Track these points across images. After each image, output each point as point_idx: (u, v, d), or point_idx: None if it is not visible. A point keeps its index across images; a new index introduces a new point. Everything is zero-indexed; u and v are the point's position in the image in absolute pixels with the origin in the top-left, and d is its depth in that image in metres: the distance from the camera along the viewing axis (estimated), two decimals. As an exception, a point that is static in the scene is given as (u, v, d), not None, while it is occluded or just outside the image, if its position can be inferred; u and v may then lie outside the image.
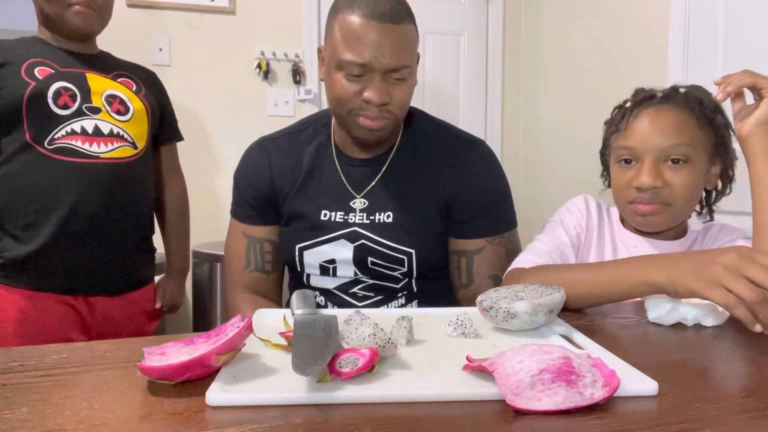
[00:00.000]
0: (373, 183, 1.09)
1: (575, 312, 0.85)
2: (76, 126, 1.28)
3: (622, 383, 0.53)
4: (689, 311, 0.78)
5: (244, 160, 1.18)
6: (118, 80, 1.40)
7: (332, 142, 1.13)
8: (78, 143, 1.28)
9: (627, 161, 0.98)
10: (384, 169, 1.09)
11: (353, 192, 1.09)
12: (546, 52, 3.14)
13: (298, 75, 2.86)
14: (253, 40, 2.83)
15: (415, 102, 1.16)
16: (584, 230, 1.06)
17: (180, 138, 1.61)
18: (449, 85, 3.25)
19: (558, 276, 0.86)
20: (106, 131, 1.31)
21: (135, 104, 1.39)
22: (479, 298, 0.77)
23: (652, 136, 0.95)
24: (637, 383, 0.56)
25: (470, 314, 0.75)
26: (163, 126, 1.53)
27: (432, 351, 0.66)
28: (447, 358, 0.63)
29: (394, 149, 1.10)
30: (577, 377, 0.52)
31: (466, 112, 3.28)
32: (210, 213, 2.67)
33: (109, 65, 1.42)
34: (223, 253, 1.23)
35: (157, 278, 1.59)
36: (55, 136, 1.27)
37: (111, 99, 1.35)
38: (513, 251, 1.11)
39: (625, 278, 0.79)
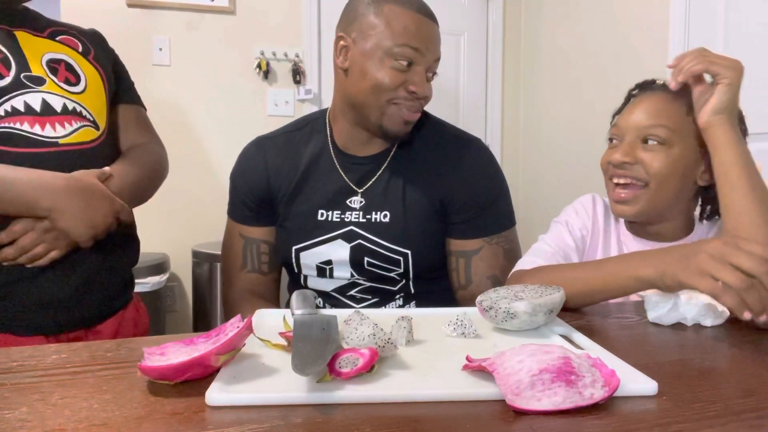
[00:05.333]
0: (373, 180, 1.09)
1: (575, 312, 0.85)
2: (18, 103, 0.94)
3: (621, 383, 0.53)
4: (689, 311, 0.78)
5: (240, 160, 1.18)
6: (57, 39, 1.04)
7: (330, 140, 1.12)
8: (26, 126, 0.93)
9: (612, 141, 1.01)
10: (384, 166, 1.09)
11: (353, 189, 1.09)
12: (546, 52, 3.14)
13: (298, 75, 2.87)
14: (253, 40, 2.83)
15: (415, 102, 1.16)
16: (590, 232, 1.06)
17: (141, 104, 1.20)
18: (449, 85, 3.24)
19: (556, 275, 0.86)
20: (59, 107, 0.97)
21: (86, 70, 1.05)
22: (479, 298, 0.77)
23: (635, 116, 0.97)
24: (637, 383, 0.56)
25: (470, 314, 0.75)
26: (119, 91, 1.14)
27: (432, 351, 0.66)
28: (447, 358, 0.63)
29: (395, 147, 1.10)
30: (577, 377, 0.52)
31: (466, 112, 3.28)
32: (210, 213, 2.67)
33: (39, 20, 1.05)
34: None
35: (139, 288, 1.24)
36: None
37: (54, 64, 1.00)
38: (511, 251, 1.10)
39: (617, 275, 0.80)
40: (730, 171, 0.88)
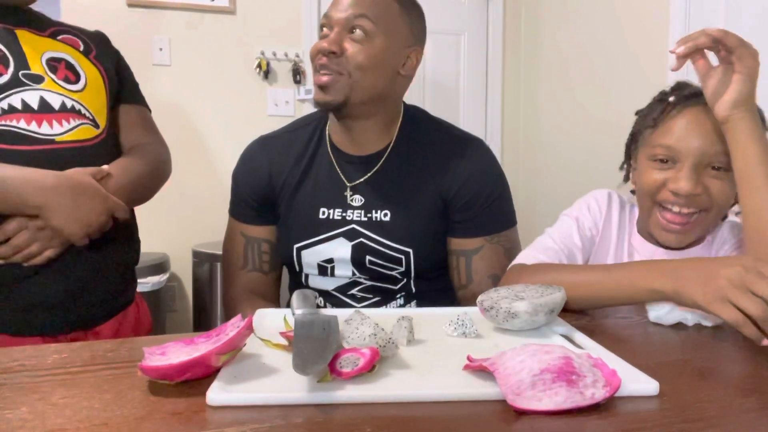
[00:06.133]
0: (370, 179, 1.08)
1: (576, 312, 0.85)
2: (15, 100, 0.94)
3: (622, 383, 0.53)
4: (689, 311, 0.78)
5: (242, 160, 1.18)
6: (59, 38, 1.05)
7: (328, 138, 1.13)
8: (22, 124, 0.93)
9: (663, 161, 0.92)
10: (380, 165, 1.09)
11: (349, 187, 1.09)
12: (546, 51, 3.13)
13: (298, 75, 2.87)
14: (253, 40, 2.83)
15: (416, 102, 1.16)
16: (600, 233, 1.02)
17: (145, 105, 1.20)
18: (449, 85, 3.24)
19: (560, 277, 0.85)
20: (57, 105, 0.97)
21: (86, 69, 1.05)
22: (480, 298, 0.77)
23: (696, 138, 0.88)
24: (638, 383, 0.56)
25: (471, 314, 0.75)
26: (122, 91, 1.14)
27: (432, 351, 0.66)
28: (448, 358, 0.63)
29: (390, 146, 1.10)
30: (578, 377, 0.52)
31: (466, 112, 3.28)
32: (210, 213, 2.66)
33: (42, 21, 1.06)
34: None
35: (140, 287, 1.22)
36: None
37: (54, 63, 1.00)
38: (512, 250, 1.10)
39: (629, 284, 0.78)
40: (752, 170, 0.82)
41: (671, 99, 0.94)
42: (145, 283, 2.35)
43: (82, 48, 1.07)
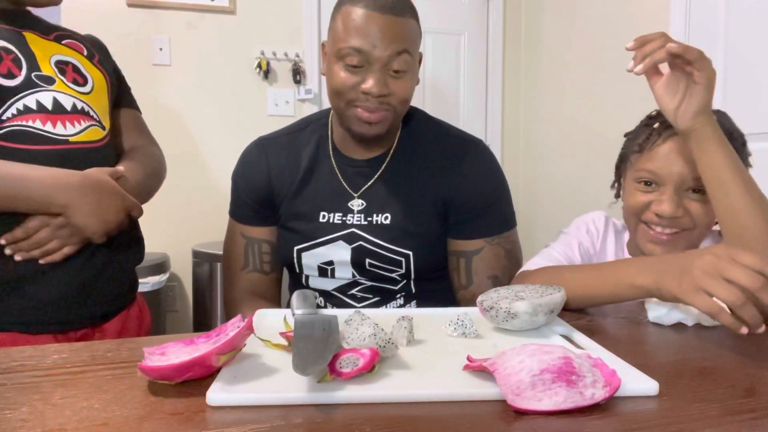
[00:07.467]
0: (372, 183, 1.09)
1: (575, 312, 0.85)
2: (30, 101, 0.95)
3: (622, 383, 0.53)
4: (689, 311, 0.78)
5: (242, 161, 1.18)
6: (63, 42, 1.07)
7: (330, 141, 1.12)
8: (37, 124, 0.95)
9: (647, 183, 0.96)
10: (382, 169, 1.09)
11: (351, 192, 1.09)
12: (546, 51, 3.14)
13: (298, 75, 2.87)
14: (253, 40, 2.83)
15: (416, 102, 1.16)
16: (597, 253, 1.06)
17: (138, 108, 1.23)
18: (449, 85, 3.25)
19: (557, 276, 0.86)
20: (68, 106, 0.99)
21: (92, 73, 1.07)
22: (479, 298, 0.77)
23: (678, 163, 0.93)
24: (638, 383, 0.56)
25: (471, 314, 0.75)
26: (120, 95, 1.18)
27: (432, 351, 0.66)
28: (447, 358, 0.63)
29: (393, 149, 1.10)
30: (578, 377, 0.52)
31: (466, 112, 3.28)
32: (210, 213, 2.67)
33: (44, 25, 1.07)
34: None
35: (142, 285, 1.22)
36: (4, 116, 0.93)
37: (62, 65, 1.02)
38: (512, 251, 1.10)
39: (614, 281, 0.79)
40: (722, 174, 0.84)
41: (656, 126, 0.97)
42: (145, 283, 2.35)
43: (86, 53, 1.09)
